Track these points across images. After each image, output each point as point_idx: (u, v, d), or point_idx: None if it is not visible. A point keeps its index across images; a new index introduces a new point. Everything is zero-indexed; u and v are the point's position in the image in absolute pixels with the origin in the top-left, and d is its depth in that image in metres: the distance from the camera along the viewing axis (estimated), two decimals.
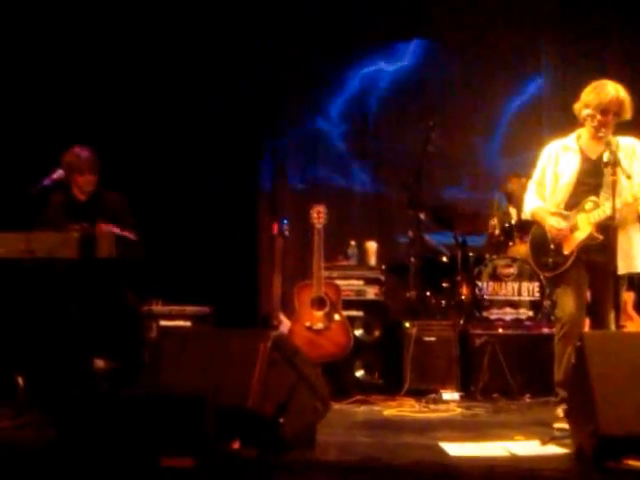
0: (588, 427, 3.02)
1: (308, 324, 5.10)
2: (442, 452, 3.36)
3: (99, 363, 4.11)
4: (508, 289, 5.43)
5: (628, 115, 3.90)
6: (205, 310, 5.21)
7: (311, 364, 3.58)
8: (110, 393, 3.17)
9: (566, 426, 3.64)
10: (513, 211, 5.91)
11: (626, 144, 3.93)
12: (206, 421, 2.88)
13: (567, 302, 3.91)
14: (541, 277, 5.12)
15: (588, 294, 4.03)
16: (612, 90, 3.88)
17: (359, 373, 5.31)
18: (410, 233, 5.85)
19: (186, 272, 6.03)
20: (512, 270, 5.46)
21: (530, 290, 5.38)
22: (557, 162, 4.02)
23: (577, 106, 3.98)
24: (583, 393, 3.13)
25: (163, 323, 5.03)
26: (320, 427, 3.53)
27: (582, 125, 4.02)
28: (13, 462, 2.91)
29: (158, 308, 5.18)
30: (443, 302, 5.73)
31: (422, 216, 5.78)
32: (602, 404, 2.96)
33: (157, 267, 5.18)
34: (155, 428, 2.89)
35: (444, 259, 5.92)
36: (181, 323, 5.09)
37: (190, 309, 5.20)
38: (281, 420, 3.11)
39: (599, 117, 3.87)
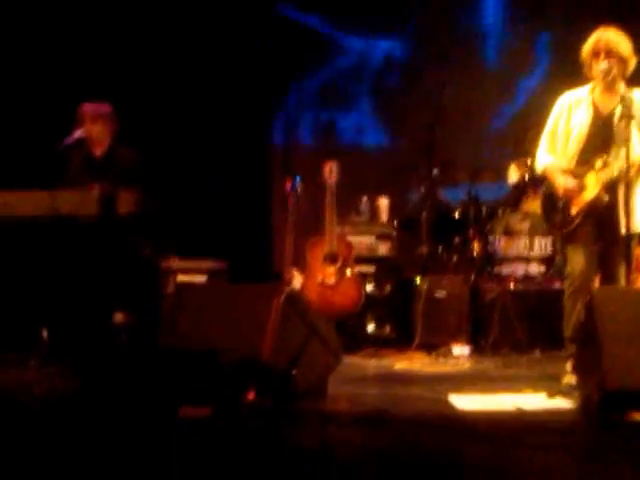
0: (594, 381, 3.09)
1: (320, 279, 5.17)
2: (449, 404, 3.44)
3: (118, 317, 4.21)
4: (520, 244, 5.44)
5: (625, 51, 3.82)
6: (220, 265, 5.28)
7: (323, 318, 3.67)
8: (130, 346, 3.25)
9: (574, 381, 3.72)
10: (530, 162, 5.85)
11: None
12: (222, 373, 2.97)
13: (577, 259, 3.93)
14: (553, 233, 5.12)
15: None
16: (598, 32, 3.88)
17: (370, 327, 5.39)
18: (422, 188, 5.87)
19: (201, 228, 6.09)
20: (525, 225, 5.46)
21: (542, 246, 5.39)
22: (570, 115, 3.99)
23: (584, 68, 3.97)
24: (591, 347, 3.19)
25: (180, 278, 5.11)
26: (331, 380, 3.62)
27: None
28: (39, 411, 3.02)
29: (175, 263, 5.26)
30: (454, 258, 5.76)
31: (435, 171, 5.78)
32: (609, 358, 3.02)
33: (173, 222, 5.24)
34: (174, 379, 2.98)
35: (456, 214, 5.93)
36: (197, 278, 5.17)
37: (206, 264, 5.27)
38: (294, 372, 3.20)
39: (594, 63, 3.84)
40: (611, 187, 3.81)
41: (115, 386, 2.94)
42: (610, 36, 3.85)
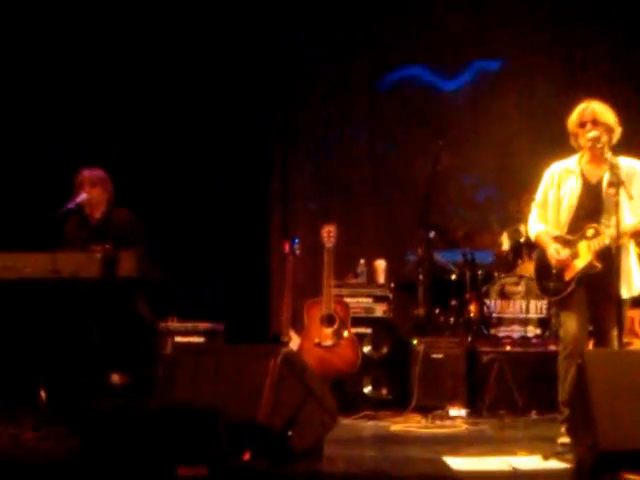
0: (588, 442, 3.11)
1: (317, 341, 5.22)
2: (445, 466, 3.45)
3: (115, 378, 4.24)
4: (516, 307, 5.52)
5: (610, 120, 3.98)
6: (218, 327, 5.35)
7: (319, 379, 3.69)
8: (128, 406, 3.28)
9: (569, 441, 3.73)
10: (523, 229, 5.98)
11: (626, 164, 3.99)
12: (218, 434, 2.99)
13: (570, 324, 3.99)
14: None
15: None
16: (582, 104, 4.04)
17: (367, 389, 5.41)
18: (419, 251, 5.96)
19: (200, 289, 6.16)
20: (520, 288, 5.55)
21: (538, 308, 5.46)
22: (559, 185, 4.09)
23: (571, 139, 4.12)
24: (584, 409, 3.22)
25: (178, 339, 5.17)
26: (328, 441, 3.65)
27: None
28: (36, 472, 3.04)
29: (173, 324, 5.33)
30: (451, 319, 5.81)
31: (431, 235, 5.88)
32: (601, 420, 3.05)
33: (172, 284, 5.31)
34: (171, 440, 3.00)
35: (453, 277, 6.02)
36: (195, 339, 5.23)
37: (203, 325, 5.34)
38: (290, 433, 3.22)
39: (581, 132, 3.99)
40: (603, 256, 3.89)
41: (114, 446, 2.96)
42: (595, 107, 4.01)
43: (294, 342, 5.28)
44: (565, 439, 3.79)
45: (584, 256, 3.95)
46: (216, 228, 6.51)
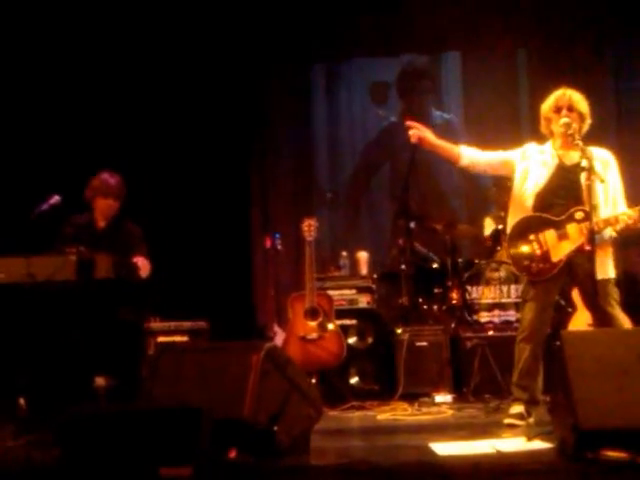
0: (569, 422, 3.16)
1: (302, 334, 5.24)
2: (431, 452, 3.48)
3: (99, 381, 4.24)
4: (496, 292, 5.58)
5: (584, 109, 4.06)
6: (202, 325, 5.35)
7: (303, 373, 3.72)
8: (110, 409, 3.29)
9: (516, 422, 3.97)
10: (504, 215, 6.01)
11: (600, 154, 4.09)
12: (202, 432, 3.01)
13: (530, 310, 4.09)
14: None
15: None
16: (559, 90, 4.11)
17: (353, 380, 5.45)
18: (400, 242, 6.00)
19: (184, 288, 6.16)
20: (500, 273, 5.61)
21: (518, 292, 5.51)
22: (529, 159, 4.15)
23: (542, 125, 4.17)
24: (563, 390, 3.26)
25: (161, 339, 5.17)
26: (315, 434, 3.66)
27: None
28: None
29: (156, 325, 5.32)
30: (435, 307, 5.86)
31: (412, 225, 5.92)
32: (580, 400, 3.09)
33: (155, 284, 5.31)
34: (154, 440, 3.01)
35: (434, 265, 6.07)
36: (179, 338, 5.24)
37: (187, 324, 5.34)
38: (275, 428, 3.24)
39: (556, 117, 4.05)
40: (592, 237, 3.92)
41: (96, 449, 2.97)
42: (572, 94, 4.09)
43: (279, 337, 5.30)
44: (512, 420, 4.00)
45: (574, 238, 3.99)
46: (197, 226, 6.52)
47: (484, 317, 5.55)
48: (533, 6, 6.73)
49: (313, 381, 5.02)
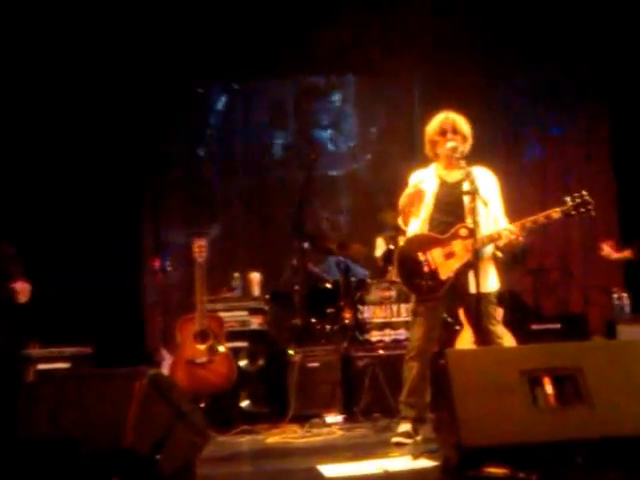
0: (452, 440, 3.21)
1: (191, 358, 5.12)
2: (319, 475, 3.48)
3: None
4: (387, 311, 5.67)
5: (467, 131, 4.21)
6: (86, 350, 5.15)
7: (189, 399, 3.63)
8: None
9: (403, 440, 4.03)
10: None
11: (481, 173, 4.23)
12: (80, 464, 2.88)
13: (417, 330, 4.20)
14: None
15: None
16: (442, 114, 4.25)
17: (244, 403, 5.37)
18: (294, 262, 6.00)
19: (68, 311, 5.93)
20: (391, 293, 5.70)
21: (408, 311, 5.60)
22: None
23: (426, 148, 4.30)
24: (448, 408, 3.32)
25: (41, 366, 4.93)
26: (204, 460, 3.59)
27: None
28: None
29: (35, 351, 5.07)
30: (327, 327, 5.89)
31: (305, 245, 5.94)
32: (463, 418, 3.15)
33: (36, 308, 5.08)
34: (31, 474, 2.86)
35: (328, 285, 6.11)
36: (60, 365, 5.01)
37: (70, 350, 5.12)
38: (158, 457, 3.14)
39: (442, 139, 4.18)
40: (476, 253, 4.03)
41: None
42: (455, 117, 4.23)
43: (167, 361, 5.17)
44: (400, 438, 4.06)
45: (460, 255, 4.09)
46: (85, 244, 6.30)
47: (375, 336, 5.61)
48: (428, 31, 6.92)
49: (202, 405, 4.93)
